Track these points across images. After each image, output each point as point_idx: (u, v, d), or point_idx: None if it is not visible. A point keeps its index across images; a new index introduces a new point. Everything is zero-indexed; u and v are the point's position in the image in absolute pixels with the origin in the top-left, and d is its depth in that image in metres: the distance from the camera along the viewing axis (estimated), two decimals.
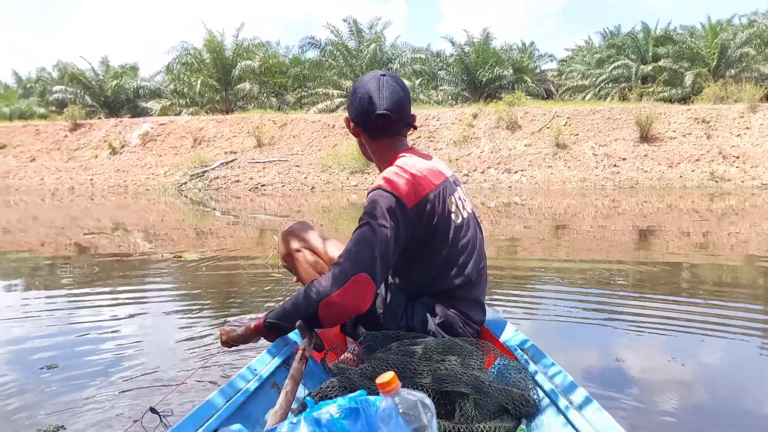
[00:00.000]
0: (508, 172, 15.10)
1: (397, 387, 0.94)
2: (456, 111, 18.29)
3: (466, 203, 1.61)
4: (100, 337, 2.77)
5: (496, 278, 4.07)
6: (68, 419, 1.85)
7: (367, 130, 1.58)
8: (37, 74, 34.55)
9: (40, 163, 18.98)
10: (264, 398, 1.34)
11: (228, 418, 1.17)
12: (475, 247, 1.58)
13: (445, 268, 1.51)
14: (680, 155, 14.84)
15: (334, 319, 1.38)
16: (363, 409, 0.94)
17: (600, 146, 15.55)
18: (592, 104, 18.65)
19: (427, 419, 0.90)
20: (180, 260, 4.82)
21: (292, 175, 16.04)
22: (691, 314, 3.00)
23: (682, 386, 2.11)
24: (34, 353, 2.56)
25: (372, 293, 1.35)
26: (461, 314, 1.54)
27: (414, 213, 1.41)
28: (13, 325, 3.08)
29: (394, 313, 1.50)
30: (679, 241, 5.83)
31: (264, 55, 25.15)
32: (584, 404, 1.12)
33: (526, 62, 25.95)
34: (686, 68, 21.75)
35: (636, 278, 4.16)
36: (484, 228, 6.85)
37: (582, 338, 2.70)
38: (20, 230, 7.83)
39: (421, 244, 1.47)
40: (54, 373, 2.29)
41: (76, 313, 3.35)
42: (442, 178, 1.53)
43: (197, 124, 19.30)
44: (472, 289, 1.56)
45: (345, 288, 1.31)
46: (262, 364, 1.42)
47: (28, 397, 2.06)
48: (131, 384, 2.15)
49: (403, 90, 1.55)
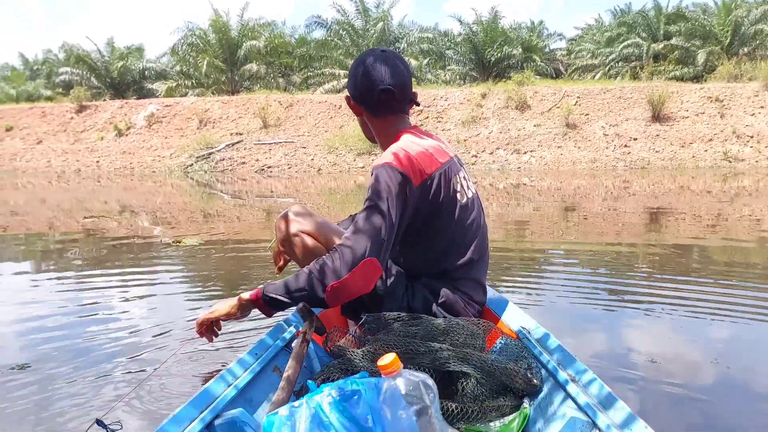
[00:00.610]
0: (518, 153, 14.97)
1: (399, 368, 0.93)
2: (464, 91, 18.11)
3: (470, 184, 1.60)
4: (73, 328, 2.73)
5: (505, 260, 4.05)
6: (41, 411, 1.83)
7: (369, 107, 1.55)
8: (43, 56, 34.59)
9: (47, 146, 19.05)
10: (265, 382, 1.34)
11: (230, 402, 1.17)
12: (479, 227, 1.57)
13: (449, 247, 1.50)
14: (693, 135, 14.64)
15: (339, 300, 1.38)
16: (365, 390, 0.94)
17: (611, 126, 15.37)
18: (603, 83, 18.39)
19: (429, 399, 0.90)
20: (180, 245, 4.70)
21: (299, 156, 16.00)
22: (702, 295, 2.97)
23: (690, 367, 2.09)
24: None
25: (378, 276, 1.36)
26: (463, 294, 1.53)
27: (419, 191, 1.40)
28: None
29: (395, 293, 1.50)
30: (691, 223, 5.77)
31: (269, 35, 24.94)
32: (587, 382, 1.11)
33: (535, 41, 25.55)
34: (698, 46, 21.38)
35: (646, 260, 4.13)
36: (493, 210, 6.85)
37: (591, 319, 2.68)
38: (27, 212, 7.88)
39: (426, 222, 1.46)
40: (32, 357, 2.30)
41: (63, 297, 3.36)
42: (447, 156, 1.52)
43: (203, 106, 19.25)
44: (474, 270, 1.55)
45: (354, 272, 1.31)
46: (262, 348, 1.42)
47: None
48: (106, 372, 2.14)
49: (404, 66, 1.53)
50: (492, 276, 3.51)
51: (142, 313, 2.88)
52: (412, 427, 0.88)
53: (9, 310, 3.00)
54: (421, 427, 0.88)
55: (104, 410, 1.72)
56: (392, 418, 0.89)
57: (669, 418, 1.68)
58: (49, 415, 1.74)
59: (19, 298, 3.27)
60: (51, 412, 1.76)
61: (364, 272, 1.32)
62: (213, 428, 1.11)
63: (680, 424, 1.66)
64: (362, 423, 0.90)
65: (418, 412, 0.89)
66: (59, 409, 1.78)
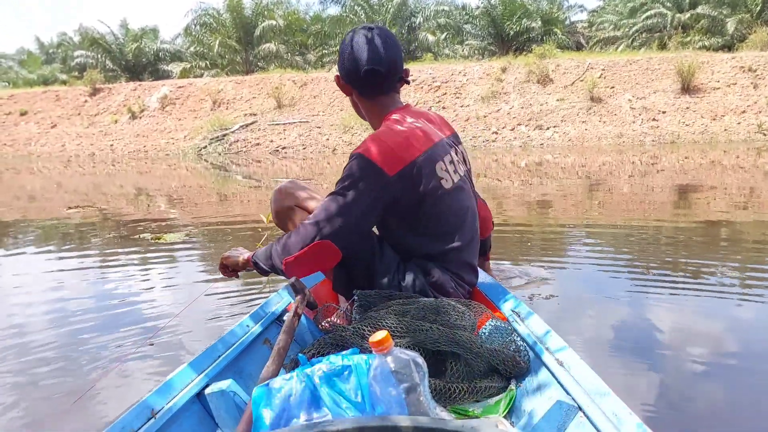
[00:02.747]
0: (540, 129, 14.74)
1: (390, 346, 0.94)
2: (483, 65, 17.83)
3: (459, 165, 1.59)
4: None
5: (526, 239, 3.99)
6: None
7: (357, 86, 1.56)
8: (58, 39, 35.01)
9: (61, 129, 19.36)
10: (256, 354, 1.38)
11: (220, 372, 1.21)
12: (466, 211, 1.57)
13: (436, 233, 1.52)
14: (725, 107, 14.24)
15: (298, 274, 1.46)
16: (355, 367, 0.95)
17: (638, 99, 15.02)
18: (629, 54, 17.94)
19: (419, 378, 0.91)
20: (158, 242, 4.18)
21: (313, 136, 16.00)
22: (729, 277, 2.88)
23: (712, 350, 2.02)
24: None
25: (335, 258, 1.43)
26: (454, 275, 1.55)
27: (396, 180, 1.41)
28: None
29: (387, 271, 1.52)
30: (722, 200, 5.61)
31: (284, 13, 24.89)
32: (575, 366, 1.13)
33: (555, 13, 25.03)
34: (727, 15, 20.70)
35: (673, 238, 4.03)
36: (515, 188, 6.76)
37: (611, 299, 2.62)
38: (48, 198, 8.03)
39: (408, 209, 1.48)
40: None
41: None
42: (431, 142, 1.50)
43: (216, 86, 19.32)
44: (464, 253, 1.57)
45: (306, 251, 1.40)
46: (254, 321, 1.46)
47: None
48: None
49: (394, 43, 1.52)
50: (509, 253, 3.46)
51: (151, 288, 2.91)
52: (401, 404, 0.88)
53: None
54: (410, 404, 0.88)
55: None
56: (381, 395, 0.90)
57: (662, 406, 1.62)
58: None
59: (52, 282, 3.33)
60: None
61: (315, 252, 1.40)
62: (203, 397, 1.13)
63: (674, 413, 1.60)
64: (352, 398, 0.92)
65: (408, 389, 0.89)
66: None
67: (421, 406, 0.87)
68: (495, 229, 2.11)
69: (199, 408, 1.13)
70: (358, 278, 1.53)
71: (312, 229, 1.40)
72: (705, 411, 1.60)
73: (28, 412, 1.68)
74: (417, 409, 0.87)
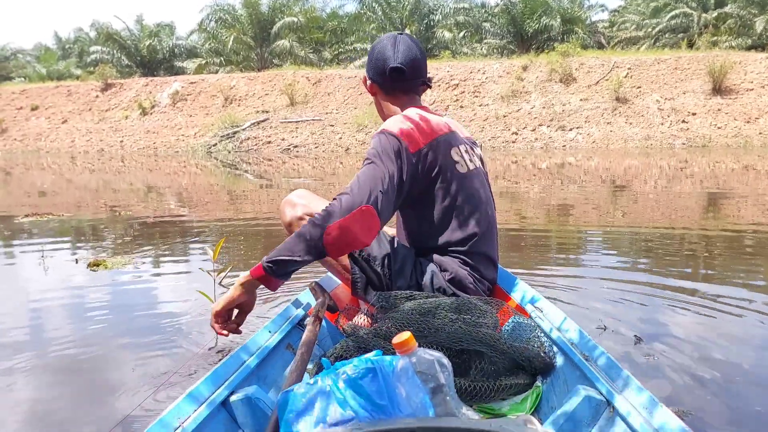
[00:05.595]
0: (562, 130, 14.67)
1: (414, 347, 0.95)
2: (504, 63, 17.80)
3: (474, 157, 1.67)
4: None
5: (545, 243, 3.97)
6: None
7: (382, 86, 1.69)
8: (75, 35, 35.57)
9: (72, 125, 19.68)
10: (279, 359, 1.41)
11: (244, 379, 1.23)
12: (481, 200, 1.63)
13: (449, 217, 1.57)
14: (759, 109, 14.06)
15: (338, 247, 1.38)
16: (380, 369, 0.96)
17: (666, 100, 14.89)
18: (656, 53, 17.79)
19: (444, 378, 0.92)
20: (95, 270, 3.36)
21: (326, 135, 16.07)
22: (756, 293, 2.84)
23: (728, 359, 2.00)
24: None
25: (377, 227, 1.40)
26: (473, 270, 1.58)
27: (416, 158, 1.50)
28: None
29: (404, 271, 1.57)
30: (755, 208, 5.54)
31: (301, 9, 25.09)
32: (602, 361, 1.14)
33: (576, 12, 24.91)
34: (755, 14, 20.43)
35: (697, 249, 3.98)
36: (534, 192, 6.73)
37: (628, 308, 2.59)
38: (56, 194, 8.16)
39: (423, 190, 1.54)
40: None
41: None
42: (447, 129, 1.61)
43: (228, 82, 19.51)
44: (481, 244, 1.60)
45: (353, 215, 1.35)
46: (276, 326, 1.49)
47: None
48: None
49: (418, 48, 1.67)
50: (525, 259, 3.45)
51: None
52: (427, 405, 0.89)
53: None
54: (436, 405, 0.89)
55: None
56: (407, 396, 0.91)
57: (693, 402, 1.61)
58: None
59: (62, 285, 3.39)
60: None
61: (362, 218, 1.36)
62: (228, 405, 1.16)
63: (706, 409, 1.59)
64: (377, 401, 0.93)
65: (433, 390, 0.91)
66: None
67: (447, 406, 0.88)
68: (511, 233, 2.12)
69: (225, 416, 1.15)
70: (376, 280, 1.58)
71: (357, 194, 1.37)
72: (726, 419, 1.59)
73: (57, 417, 1.69)
74: (443, 409, 0.87)
